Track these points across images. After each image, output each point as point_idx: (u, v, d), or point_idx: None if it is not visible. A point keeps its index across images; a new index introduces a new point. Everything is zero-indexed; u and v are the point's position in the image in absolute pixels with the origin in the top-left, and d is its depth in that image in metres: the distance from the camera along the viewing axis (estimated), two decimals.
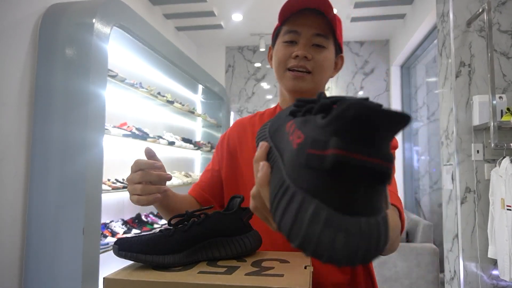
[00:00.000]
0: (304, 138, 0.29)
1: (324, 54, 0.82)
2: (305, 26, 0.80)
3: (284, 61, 0.82)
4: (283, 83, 0.84)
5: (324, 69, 0.83)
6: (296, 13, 0.80)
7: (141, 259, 0.62)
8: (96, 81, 1.92)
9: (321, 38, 0.81)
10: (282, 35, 0.84)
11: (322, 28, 0.80)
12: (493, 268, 2.16)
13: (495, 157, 2.17)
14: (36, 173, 1.88)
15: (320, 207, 0.25)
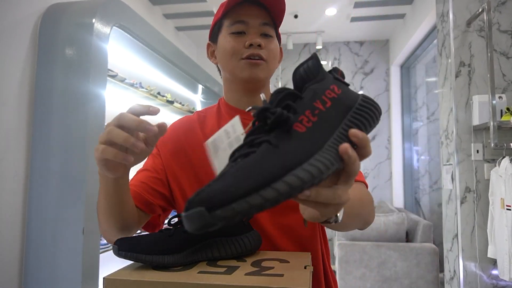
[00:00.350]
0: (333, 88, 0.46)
1: (274, 43, 0.82)
2: (251, 16, 0.79)
3: (238, 51, 0.79)
4: (237, 73, 0.80)
5: (275, 58, 0.83)
6: (237, 6, 0.79)
7: (141, 259, 0.62)
8: (96, 81, 1.92)
9: (268, 27, 0.81)
10: (228, 27, 0.81)
11: (267, 18, 0.81)
12: (493, 268, 2.16)
13: (495, 157, 2.18)
14: (36, 173, 1.88)
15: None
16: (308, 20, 4.09)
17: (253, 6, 0.79)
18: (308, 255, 0.71)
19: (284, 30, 4.33)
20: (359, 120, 0.43)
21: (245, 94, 0.84)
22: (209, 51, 0.92)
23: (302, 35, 4.51)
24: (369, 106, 0.45)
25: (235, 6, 0.79)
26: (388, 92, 4.66)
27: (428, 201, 3.98)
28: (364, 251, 2.81)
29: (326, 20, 4.11)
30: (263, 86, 0.84)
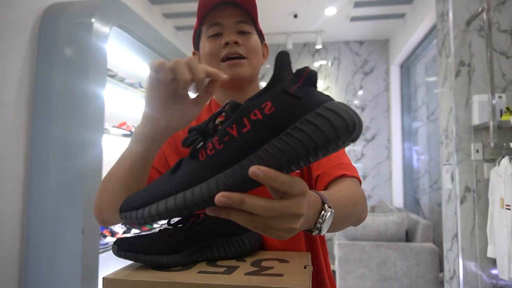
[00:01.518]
0: (273, 98, 0.37)
1: (252, 38, 0.81)
2: (225, 17, 0.79)
3: (215, 53, 0.79)
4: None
5: (256, 53, 0.81)
6: (212, 9, 0.79)
7: (141, 259, 0.62)
8: (95, 81, 1.92)
9: (244, 24, 0.80)
10: (205, 32, 0.81)
11: (242, 16, 0.80)
12: (493, 268, 2.16)
13: (495, 156, 2.18)
14: (36, 173, 1.88)
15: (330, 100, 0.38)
16: (308, 20, 4.09)
17: (227, 7, 0.79)
18: (308, 255, 0.71)
19: (284, 29, 4.32)
20: (283, 149, 0.35)
21: (231, 93, 0.84)
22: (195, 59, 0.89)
23: (301, 35, 4.51)
24: (321, 126, 0.34)
25: (210, 11, 0.79)
26: (388, 91, 4.66)
27: (428, 200, 3.98)
28: (364, 250, 2.81)
29: (325, 20, 4.11)
30: (250, 83, 0.84)
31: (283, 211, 0.37)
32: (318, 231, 0.49)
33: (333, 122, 0.35)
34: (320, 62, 4.84)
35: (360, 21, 4.12)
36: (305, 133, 0.34)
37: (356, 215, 0.65)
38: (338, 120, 0.35)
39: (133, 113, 2.96)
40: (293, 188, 0.37)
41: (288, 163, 0.35)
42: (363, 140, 4.67)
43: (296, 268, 0.60)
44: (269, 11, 3.90)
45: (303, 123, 0.35)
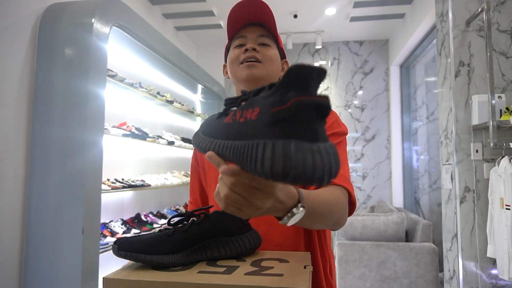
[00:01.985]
0: (261, 108, 0.39)
1: (271, 51, 0.92)
2: (249, 32, 0.91)
3: (237, 58, 0.90)
4: (238, 76, 0.90)
5: (272, 61, 0.91)
6: (240, 29, 0.92)
7: (141, 259, 0.62)
8: (96, 81, 1.92)
9: (265, 38, 0.92)
10: (232, 45, 0.94)
11: (264, 31, 0.92)
12: (492, 267, 2.16)
13: (494, 156, 2.18)
14: (36, 173, 1.88)
15: (298, 143, 0.35)
16: (308, 20, 4.09)
17: (251, 26, 0.91)
18: (308, 255, 0.71)
19: (284, 30, 4.32)
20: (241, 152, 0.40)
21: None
22: (224, 70, 1.02)
23: (301, 35, 4.51)
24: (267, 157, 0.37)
25: (239, 29, 0.92)
26: (387, 91, 4.66)
27: (427, 200, 3.98)
28: (363, 250, 2.81)
29: (325, 20, 4.11)
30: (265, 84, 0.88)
31: (258, 184, 0.45)
32: (284, 222, 0.53)
33: (273, 162, 0.36)
34: (320, 62, 4.84)
35: (360, 21, 4.12)
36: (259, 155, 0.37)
37: (332, 220, 0.69)
38: (279, 160, 0.35)
39: (133, 113, 2.96)
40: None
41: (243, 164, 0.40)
42: (363, 140, 4.67)
43: (296, 268, 0.61)
44: None
45: (262, 146, 0.37)
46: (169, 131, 3.54)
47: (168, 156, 3.59)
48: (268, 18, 0.90)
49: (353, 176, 4.65)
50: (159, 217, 3.10)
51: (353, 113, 4.72)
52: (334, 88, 4.79)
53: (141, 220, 2.81)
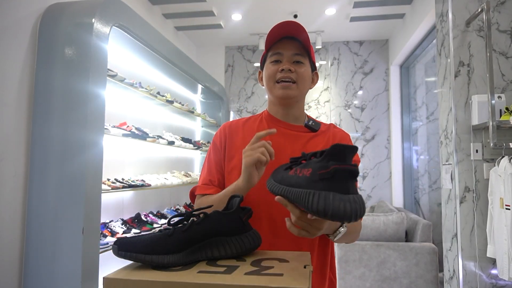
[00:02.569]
0: (313, 169, 0.60)
1: (304, 68, 1.02)
2: (286, 49, 1.01)
3: (273, 75, 1.01)
4: (274, 93, 1.02)
5: (305, 79, 1.02)
6: (278, 41, 1.02)
7: (141, 259, 0.62)
8: (96, 81, 1.92)
9: (299, 56, 1.01)
10: (269, 58, 1.03)
11: (299, 49, 1.01)
12: (492, 267, 2.16)
13: (494, 156, 2.18)
14: (36, 173, 1.88)
15: (335, 194, 0.55)
16: (308, 20, 4.09)
17: (289, 40, 1.01)
18: (308, 254, 0.71)
19: None
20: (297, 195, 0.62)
21: (281, 108, 1.06)
22: (259, 77, 1.12)
23: None
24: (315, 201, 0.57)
25: (276, 42, 1.02)
26: (387, 91, 4.66)
27: (427, 200, 3.98)
28: (363, 250, 2.81)
29: (325, 20, 4.11)
30: (296, 102, 1.05)
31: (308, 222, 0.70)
32: (332, 238, 0.85)
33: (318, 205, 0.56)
34: (320, 62, 4.84)
35: (360, 21, 4.12)
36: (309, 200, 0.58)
37: (354, 237, 1.00)
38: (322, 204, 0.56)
39: (133, 113, 2.96)
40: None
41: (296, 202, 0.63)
42: (363, 140, 4.67)
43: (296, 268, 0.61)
44: (269, 11, 3.90)
45: (312, 194, 0.58)
46: (169, 131, 3.54)
47: (168, 156, 3.59)
48: (303, 33, 1.00)
49: None
50: (159, 217, 3.10)
51: (353, 113, 4.72)
52: (334, 88, 4.79)
53: (141, 220, 2.81)
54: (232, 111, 4.87)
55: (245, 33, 4.48)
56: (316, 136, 1.04)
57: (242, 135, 1.05)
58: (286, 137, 1.02)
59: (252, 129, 1.06)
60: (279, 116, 1.06)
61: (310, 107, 4.80)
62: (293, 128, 1.04)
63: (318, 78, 1.12)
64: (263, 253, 0.72)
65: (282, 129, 1.03)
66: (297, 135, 1.03)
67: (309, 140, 1.03)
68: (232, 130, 1.07)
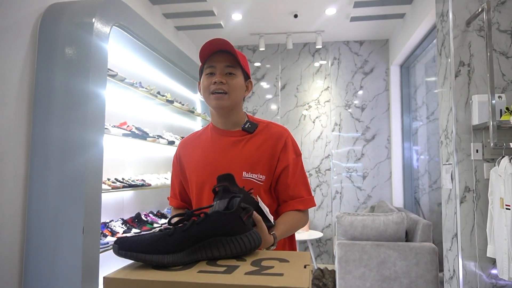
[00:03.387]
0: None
1: (235, 80, 1.12)
2: (218, 61, 1.11)
3: (208, 87, 1.12)
4: (210, 104, 1.14)
5: (236, 90, 1.12)
6: (212, 55, 1.12)
7: (141, 259, 0.62)
8: (96, 81, 1.92)
9: (231, 68, 1.12)
10: (204, 70, 1.14)
11: (231, 61, 1.12)
12: (492, 267, 2.16)
13: (494, 156, 2.18)
14: (36, 172, 1.88)
15: None
16: (308, 20, 4.09)
17: (222, 53, 1.11)
18: (308, 254, 0.72)
19: (284, 29, 4.32)
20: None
21: (219, 116, 1.18)
22: (199, 87, 1.21)
23: (302, 35, 4.51)
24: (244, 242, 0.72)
25: (211, 55, 1.12)
26: (387, 91, 4.66)
27: (427, 200, 3.98)
28: (363, 250, 2.81)
29: (326, 20, 4.11)
30: (232, 109, 1.16)
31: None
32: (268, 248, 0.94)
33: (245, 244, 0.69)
34: (320, 62, 4.84)
35: (360, 21, 4.12)
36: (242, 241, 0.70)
37: (297, 230, 1.13)
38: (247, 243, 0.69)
39: (133, 112, 2.96)
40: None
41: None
42: (363, 140, 4.67)
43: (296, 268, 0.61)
44: (269, 11, 3.90)
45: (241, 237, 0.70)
46: (169, 131, 3.54)
47: (168, 156, 3.59)
48: (232, 47, 1.09)
49: (353, 176, 4.66)
50: (159, 216, 3.10)
51: (353, 113, 4.72)
52: (334, 88, 4.79)
53: (141, 220, 2.81)
54: None
55: (245, 33, 4.48)
56: (253, 137, 1.16)
57: (190, 149, 1.23)
58: (226, 143, 1.16)
59: (201, 141, 1.23)
60: (220, 125, 1.19)
61: (310, 106, 4.80)
62: (232, 134, 1.17)
63: (252, 85, 1.22)
64: (263, 253, 0.72)
65: (222, 137, 1.17)
66: (235, 140, 1.15)
67: (246, 142, 1.15)
68: (182, 147, 1.26)
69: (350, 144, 4.67)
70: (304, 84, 4.84)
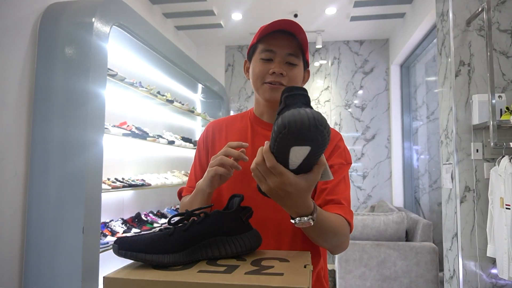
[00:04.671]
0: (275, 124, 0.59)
1: (296, 71, 0.94)
2: (279, 47, 0.92)
3: (262, 76, 0.94)
4: (260, 94, 0.96)
5: (295, 83, 0.95)
6: (271, 34, 0.93)
7: (141, 258, 0.62)
8: (96, 80, 1.92)
9: (293, 57, 0.93)
10: (259, 53, 0.95)
11: (294, 48, 0.93)
12: (492, 267, 2.16)
13: (495, 156, 2.18)
14: (36, 172, 1.88)
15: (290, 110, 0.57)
16: (308, 19, 4.09)
17: (284, 35, 0.92)
18: (308, 254, 0.71)
19: None
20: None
21: (267, 109, 1.00)
22: (245, 67, 1.04)
23: None
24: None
25: (270, 33, 0.93)
26: (388, 91, 4.66)
27: (427, 200, 3.98)
28: (363, 250, 2.81)
29: (326, 19, 4.11)
30: None
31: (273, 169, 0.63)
32: (293, 221, 0.69)
33: (277, 122, 0.57)
34: (320, 61, 4.83)
35: (360, 20, 4.11)
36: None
37: (334, 240, 0.83)
38: (280, 121, 0.56)
39: (133, 112, 2.96)
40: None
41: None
42: (363, 140, 4.67)
43: (296, 267, 0.61)
44: (269, 10, 3.89)
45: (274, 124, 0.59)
46: (169, 131, 3.54)
47: (168, 156, 3.59)
48: (301, 32, 0.92)
49: (353, 175, 4.66)
50: (159, 216, 3.10)
51: (353, 113, 4.72)
52: (334, 87, 4.79)
53: (142, 220, 2.81)
54: (232, 111, 4.87)
55: (245, 32, 4.48)
56: None
57: (225, 135, 1.03)
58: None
59: (237, 129, 1.04)
60: (265, 118, 1.01)
61: None
62: None
63: (309, 75, 1.05)
64: (263, 253, 0.72)
65: (265, 131, 0.99)
66: None
67: None
68: (215, 129, 1.05)
69: (350, 143, 4.67)
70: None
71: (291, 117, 0.54)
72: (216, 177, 0.84)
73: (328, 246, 0.86)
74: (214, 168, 0.83)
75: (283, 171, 0.62)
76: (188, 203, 0.92)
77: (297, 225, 0.69)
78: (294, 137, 0.55)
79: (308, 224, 0.68)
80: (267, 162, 0.62)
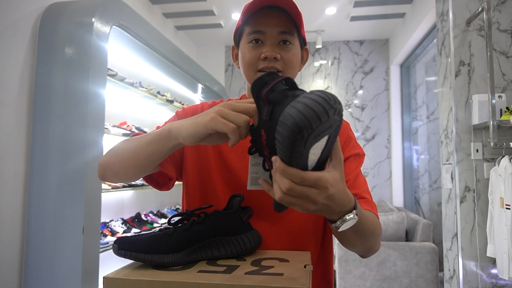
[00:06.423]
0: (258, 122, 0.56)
1: (292, 51, 0.79)
2: (269, 25, 0.77)
3: (254, 62, 0.79)
4: None
5: (293, 67, 0.80)
6: (257, 12, 0.77)
7: (141, 258, 0.62)
8: (96, 80, 1.92)
9: (286, 35, 0.78)
10: (247, 35, 0.80)
11: (286, 24, 0.78)
12: (492, 267, 2.16)
13: (495, 156, 2.18)
14: (36, 172, 1.88)
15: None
16: (308, 19, 4.09)
17: (272, 12, 0.77)
18: (308, 254, 0.71)
19: None
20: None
21: None
22: (234, 53, 0.91)
23: None
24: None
25: (255, 13, 0.78)
26: (388, 91, 4.66)
27: (427, 200, 3.98)
28: None
29: (326, 19, 4.11)
30: None
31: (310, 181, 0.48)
32: (336, 226, 0.57)
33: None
34: (320, 61, 4.83)
35: (360, 20, 4.11)
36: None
37: (370, 241, 0.71)
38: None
39: (133, 112, 2.96)
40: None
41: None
42: (363, 140, 4.67)
43: (296, 267, 0.61)
44: None
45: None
46: None
47: None
48: (291, 3, 0.76)
49: None
50: (159, 216, 3.10)
51: (353, 113, 4.72)
52: (334, 87, 4.79)
53: (141, 220, 2.81)
54: None
55: None
56: None
57: None
58: None
59: None
60: None
61: None
62: None
63: (308, 54, 0.89)
64: (263, 253, 0.72)
65: None
66: None
67: None
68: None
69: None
70: (304, 83, 4.84)
71: (298, 115, 0.42)
72: (209, 132, 0.59)
73: (363, 247, 0.74)
74: (222, 121, 0.58)
75: (317, 176, 0.48)
76: (135, 140, 0.71)
77: (341, 229, 0.56)
78: (314, 135, 0.44)
79: (354, 221, 0.56)
80: (294, 179, 0.47)
